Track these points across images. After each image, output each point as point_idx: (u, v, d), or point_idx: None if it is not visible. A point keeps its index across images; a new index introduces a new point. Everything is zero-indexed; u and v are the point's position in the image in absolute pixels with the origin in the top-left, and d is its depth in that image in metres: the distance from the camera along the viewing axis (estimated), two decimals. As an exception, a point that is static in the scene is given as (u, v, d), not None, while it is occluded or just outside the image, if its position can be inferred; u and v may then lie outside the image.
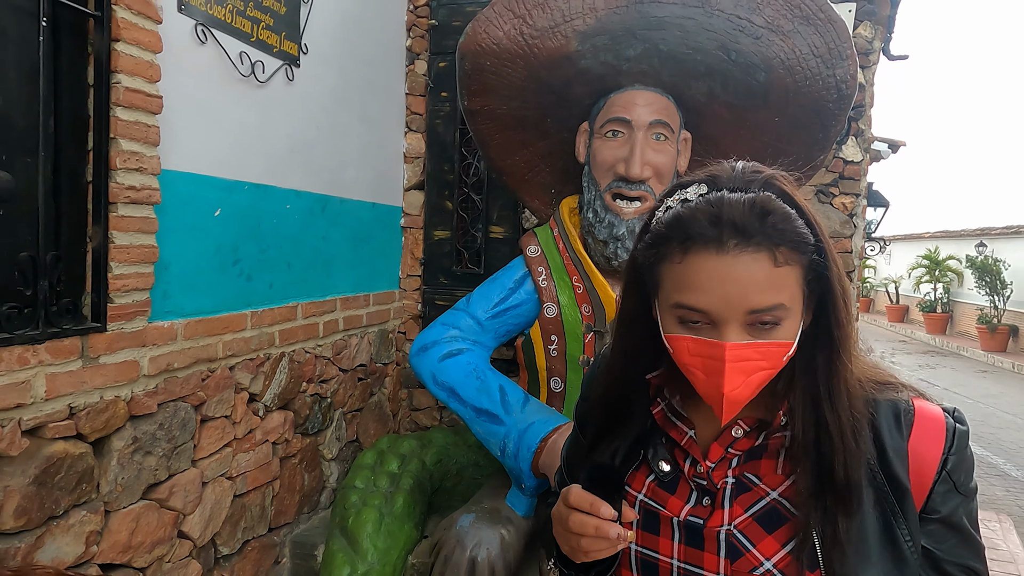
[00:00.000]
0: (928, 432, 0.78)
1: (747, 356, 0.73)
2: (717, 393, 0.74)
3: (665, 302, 0.78)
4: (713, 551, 0.79)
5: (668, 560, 0.82)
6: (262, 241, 2.34)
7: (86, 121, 1.69)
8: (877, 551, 0.75)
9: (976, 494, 0.80)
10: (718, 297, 0.72)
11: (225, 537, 2.23)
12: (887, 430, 0.78)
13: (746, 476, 0.81)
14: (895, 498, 0.76)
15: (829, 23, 2.11)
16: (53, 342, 1.58)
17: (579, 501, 0.77)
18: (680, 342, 0.76)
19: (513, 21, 2.23)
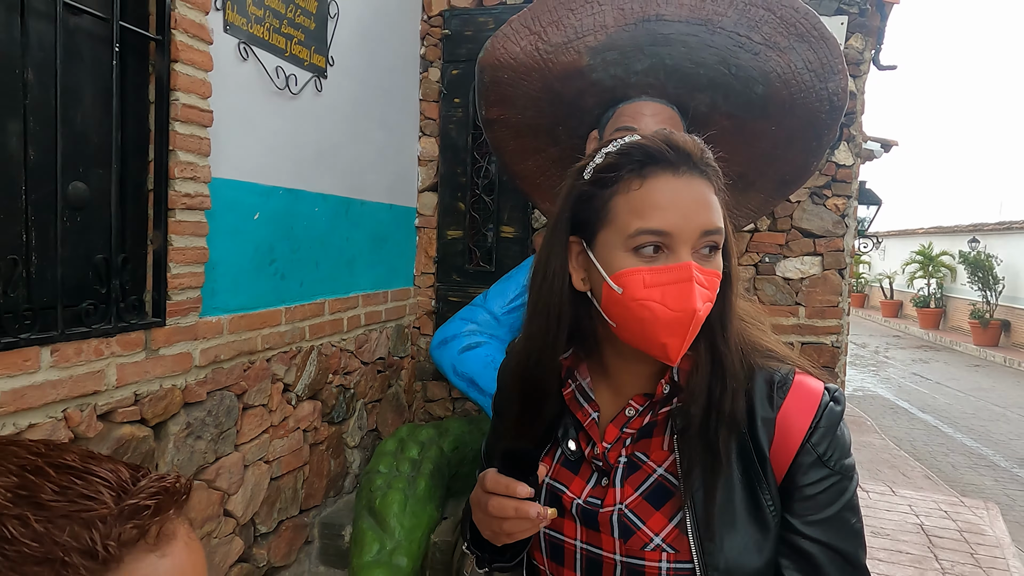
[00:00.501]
0: (799, 404, 0.80)
1: (703, 281, 0.76)
2: (682, 319, 0.74)
3: (618, 233, 0.77)
4: (608, 532, 0.81)
5: (572, 542, 0.84)
6: (294, 242, 2.51)
7: (147, 135, 1.86)
8: (743, 517, 0.78)
9: (853, 475, 0.80)
10: (679, 216, 0.75)
11: (263, 516, 2.41)
12: (759, 399, 0.80)
13: (636, 455, 0.83)
14: (760, 466, 0.79)
15: (822, 40, 2.28)
16: (122, 335, 1.75)
17: (495, 484, 0.76)
18: (634, 275, 0.76)
19: (529, 37, 2.40)
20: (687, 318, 0.74)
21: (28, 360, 1.52)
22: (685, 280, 0.74)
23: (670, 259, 0.76)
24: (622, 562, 0.80)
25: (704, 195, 0.77)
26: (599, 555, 0.82)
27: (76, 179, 1.68)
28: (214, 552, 2.17)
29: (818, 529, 0.78)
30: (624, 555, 0.80)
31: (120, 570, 0.39)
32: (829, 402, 0.80)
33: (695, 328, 0.76)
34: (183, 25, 1.86)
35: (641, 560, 0.79)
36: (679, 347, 0.76)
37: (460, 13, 3.47)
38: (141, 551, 0.40)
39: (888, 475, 5.67)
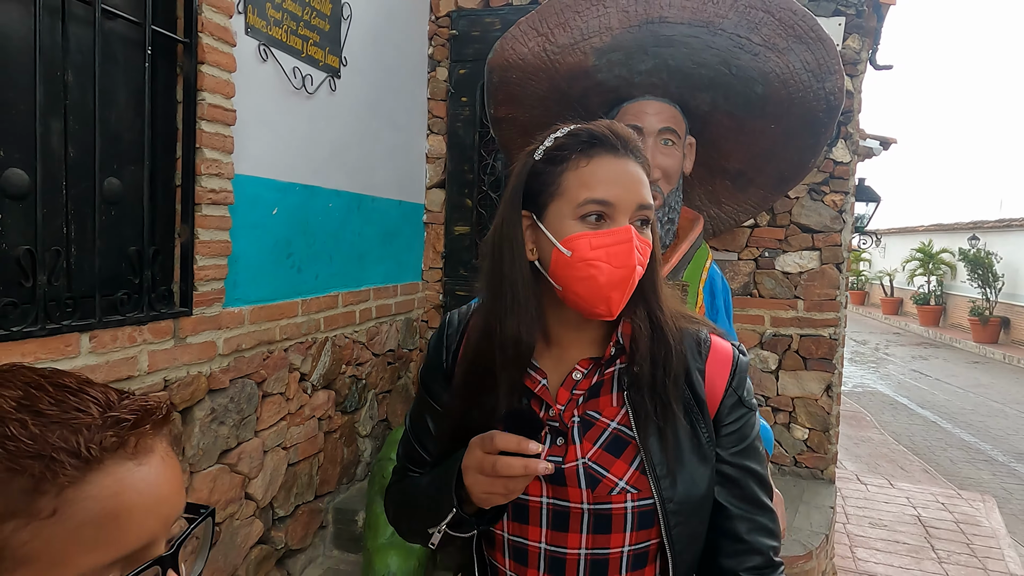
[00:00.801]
0: (719, 358, 0.96)
1: (638, 246, 0.88)
2: (622, 276, 0.86)
3: (568, 204, 0.88)
4: (575, 484, 0.89)
5: (538, 500, 0.90)
6: (310, 236, 2.60)
7: (174, 133, 1.95)
8: (689, 455, 0.90)
9: (757, 410, 0.98)
10: (621, 189, 0.88)
11: (281, 501, 2.50)
12: (690, 354, 0.94)
13: (588, 414, 0.92)
14: (698, 408, 0.92)
15: (819, 41, 2.37)
16: (153, 324, 1.85)
17: (506, 443, 0.80)
18: (582, 239, 0.86)
19: (537, 39, 2.49)
20: (628, 274, 0.87)
21: (69, 346, 1.61)
22: (626, 242, 0.87)
23: (612, 226, 0.88)
24: (590, 510, 0.89)
25: (639, 175, 0.90)
26: (566, 507, 0.90)
27: (110, 175, 1.77)
28: (235, 533, 2.27)
29: (740, 456, 0.94)
30: (592, 503, 0.89)
31: (101, 470, 0.46)
32: (739, 354, 0.97)
33: (632, 285, 0.88)
34: (209, 28, 1.95)
35: (608, 504, 0.89)
36: (620, 300, 0.88)
37: (467, 14, 3.55)
38: (121, 457, 0.47)
39: (887, 469, 5.76)
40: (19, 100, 1.55)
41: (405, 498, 1.00)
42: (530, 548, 0.92)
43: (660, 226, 2.44)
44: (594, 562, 0.90)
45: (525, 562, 0.93)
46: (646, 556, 0.91)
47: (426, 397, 1.03)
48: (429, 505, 0.91)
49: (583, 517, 0.89)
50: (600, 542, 0.90)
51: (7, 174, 1.52)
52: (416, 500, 0.96)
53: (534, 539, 0.92)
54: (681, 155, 2.55)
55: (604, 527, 0.89)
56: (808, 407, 3.12)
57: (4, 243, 1.52)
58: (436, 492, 0.90)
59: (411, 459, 1.04)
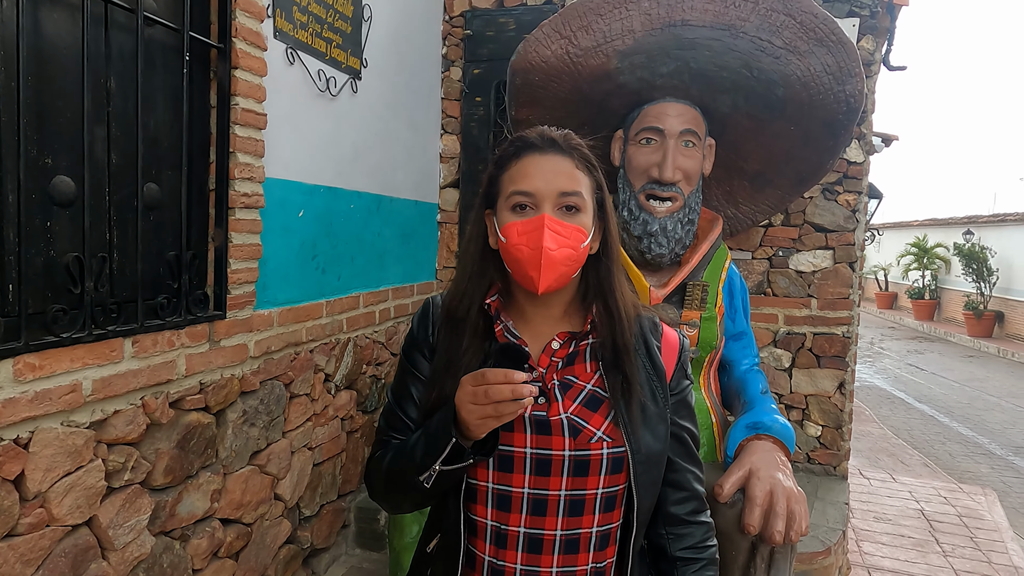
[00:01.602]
0: (669, 339, 1.15)
1: (558, 228, 1.02)
2: (536, 256, 1.00)
3: (503, 198, 1.06)
4: (559, 434, 1.02)
5: (522, 450, 1.02)
6: (333, 238, 2.61)
7: (208, 138, 1.96)
8: (651, 417, 1.07)
9: (692, 382, 1.19)
10: (541, 181, 1.03)
11: (307, 500, 2.52)
12: (649, 333, 1.13)
13: (566, 378, 1.07)
14: (656, 378, 1.10)
15: (840, 44, 2.39)
16: (191, 327, 1.86)
17: (495, 375, 0.92)
18: (512, 227, 1.03)
19: (560, 42, 2.50)
20: (539, 254, 1.00)
21: (114, 351, 1.63)
22: (539, 228, 1.01)
23: (536, 214, 1.03)
24: (570, 456, 1.02)
25: (561, 166, 1.04)
26: (548, 455, 1.03)
27: (150, 181, 1.78)
28: (266, 533, 2.29)
29: (684, 419, 1.14)
30: (573, 450, 1.02)
31: None
32: (681, 338, 1.17)
33: (549, 263, 1.01)
34: (242, 33, 1.96)
35: (587, 451, 1.03)
36: (538, 277, 1.01)
37: (481, 14, 3.56)
38: None
39: (888, 463, 5.83)
40: (66, 108, 1.56)
41: (395, 456, 1.07)
42: (514, 494, 1.04)
43: (680, 227, 2.47)
44: (572, 502, 1.03)
45: (508, 508, 1.04)
46: (615, 499, 1.06)
47: (409, 367, 1.14)
48: (425, 449, 0.99)
49: (564, 463, 1.02)
50: (578, 484, 1.03)
51: (55, 182, 1.53)
52: (407, 454, 1.04)
53: (518, 485, 1.03)
54: (701, 157, 2.58)
55: (583, 471, 1.03)
56: (821, 404, 3.16)
57: (52, 250, 1.54)
58: (432, 434, 0.99)
59: (394, 428, 1.13)
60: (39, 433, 1.47)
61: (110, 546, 1.67)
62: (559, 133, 1.09)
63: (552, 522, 1.03)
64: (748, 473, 2.07)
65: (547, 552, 1.04)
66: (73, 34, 1.56)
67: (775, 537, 1.94)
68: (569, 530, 1.04)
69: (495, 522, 1.05)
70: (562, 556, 1.04)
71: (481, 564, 1.06)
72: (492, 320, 1.09)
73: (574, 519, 1.04)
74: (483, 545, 1.06)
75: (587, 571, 1.05)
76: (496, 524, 1.05)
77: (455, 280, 1.13)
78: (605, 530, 1.06)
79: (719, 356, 2.59)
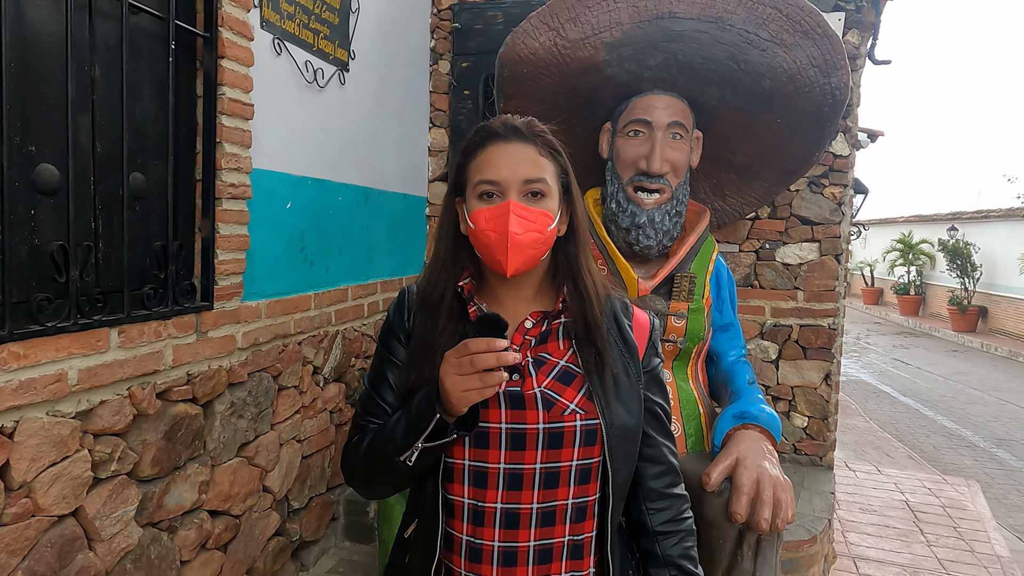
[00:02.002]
0: (639, 318, 1.19)
1: (524, 214, 1.05)
2: (504, 240, 1.03)
3: (471, 187, 1.08)
4: (533, 407, 1.05)
5: (497, 426, 1.05)
6: (321, 230, 2.60)
7: (195, 127, 1.95)
8: (623, 387, 1.10)
9: (662, 359, 1.22)
10: (505, 168, 1.06)
11: (295, 493, 2.52)
12: (620, 312, 1.16)
13: (540, 355, 1.10)
14: (628, 354, 1.13)
15: (825, 37, 2.41)
16: (177, 318, 1.86)
17: (476, 344, 0.94)
18: (480, 214, 1.06)
19: (548, 34, 2.51)
20: (506, 239, 1.03)
21: (100, 340, 1.62)
22: (505, 213, 1.04)
23: (501, 201, 1.06)
24: (544, 429, 1.05)
25: (524, 154, 1.07)
26: (523, 429, 1.05)
27: (135, 170, 1.77)
28: (254, 525, 2.28)
29: (657, 395, 1.17)
30: (547, 423, 1.05)
31: None
32: (652, 317, 1.21)
33: (516, 247, 1.04)
34: (229, 22, 1.95)
35: (560, 423, 1.05)
36: (506, 261, 1.04)
37: (469, 7, 3.56)
38: None
39: (873, 456, 5.88)
40: (50, 96, 1.54)
41: (374, 439, 1.08)
42: (490, 470, 1.05)
43: (668, 218, 2.48)
44: (547, 475, 1.05)
45: (485, 484, 1.05)
46: (590, 471, 1.08)
47: (385, 353, 1.16)
48: (406, 428, 1.01)
49: (538, 436, 1.04)
50: (552, 456, 1.05)
51: (39, 170, 1.52)
52: (387, 435, 1.05)
53: (494, 461, 1.05)
54: (689, 149, 2.59)
55: (557, 443, 1.05)
56: (807, 396, 3.19)
57: (37, 239, 1.52)
58: (414, 413, 1.01)
59: (371, 413, 1.14)
60: (24, 423, 1.46)
61: (97, 537, 1.66)
62: (522, 121, 1.11)
63: (528, 496, 1.05)
64: (735, 462, 2.09)
65: (524, 527, 1.06)
66: (57, 21, 1.55)
67: (762, 525, 1.96)
68: (545, 503, 1.06)
69: (472, 500, 1.06)
70: (539, 530, 1.06)
71: (459, 544, 1.07)
72: (466, 303, 1.11)
73: (549, 491, 1.06)
74: (460, 525, 1.07)
75: (564, 544, 1.07)
76: (473, 502, 1.06)
77: (429, 266, 1.16)
78: (581, 503, 1.08)
79: (706, 347, 2.61)
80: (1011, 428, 7.19)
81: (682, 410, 2.42)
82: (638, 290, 2.39)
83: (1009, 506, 5.02)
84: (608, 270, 2.58)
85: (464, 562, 1.07)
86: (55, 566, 1.55)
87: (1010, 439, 6.77)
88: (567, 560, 1.08)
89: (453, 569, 1.09)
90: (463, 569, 1.07)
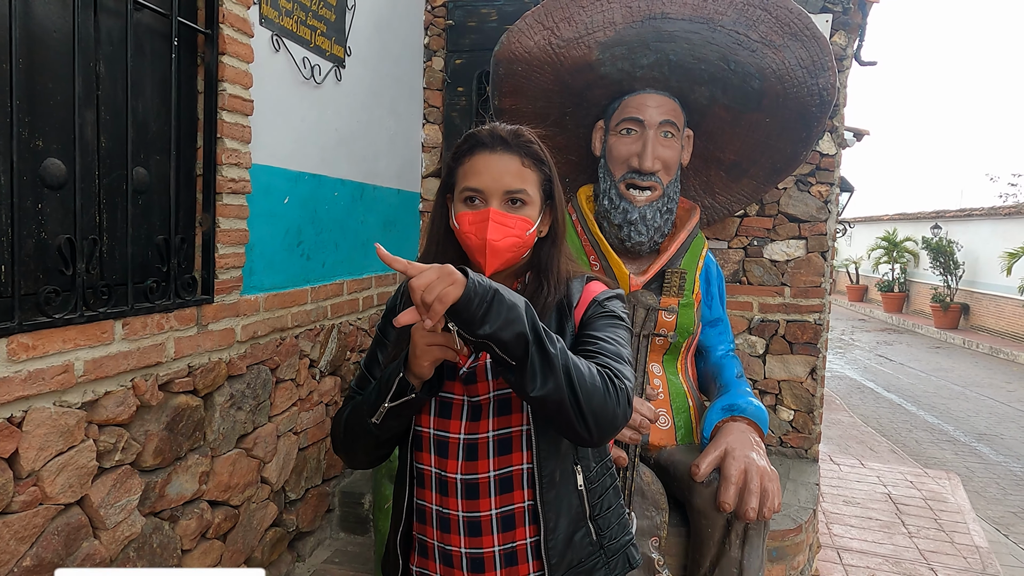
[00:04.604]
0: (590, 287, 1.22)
1: (503, 220, 1.13)
2: (483, 245, 1.11)
3: (458, 190, 1.16)
4: (484, 379, 1.14)
5: (460, 398, 1.15)
6: (318, 224, 2.63)
7: (196, 123, 1.98)
8: None
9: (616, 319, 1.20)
10: (488, 178, 1.13)
11: (292, 484, 2.55)
12: (576, 289, 1.21)
13: None
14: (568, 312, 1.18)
15: (813, 39, 2.47)
16: (179, 311, 1.88)
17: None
18: (464, 216, 1.14)
19: (543, 33, 2.55)
20: (483, 244, 1.12)
21: (105, 332, 1.65)
22: (485, 220, 1.12)
23: (484, 207, 1.13)
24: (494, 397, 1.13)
25: (508, 165, 1.14)
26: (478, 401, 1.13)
27: (138, 165, 1.79)
28: (252, 516, 2.31)
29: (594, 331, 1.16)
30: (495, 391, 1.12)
31: None
32: (609, 291, 1.24)
33: (493, 252, 1.12)
34: (230, 19, 1.97)
35: (507, 390, 1.12)
36: (484, 264, 1.13)
37: (463, 4, 3.59)
38: None
39: (857, 450, 5.99)
40: (57, 91, 1.57)
41: (354, 407, 1.16)
42: (451, 440, 1.14)
43: (659, 215, 2.53)
44: (500, 442, 1.13)
45: (446, 454, 1.14)
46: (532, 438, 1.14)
47: (380, 336, 1.26)
48: (378, 392, 1.09)
49: (490, 405, 1.13)
50: (503, 423, 1.13)
51: (46, 164, 1.54)
52: (364, 400, 1.14)
53: (455, 432, 1.14)
54: (680, 147, 2.64)
55: (506, 409, 1.13)
56: (793, 389, 3.26)
57: (43, 232, 1.55)
58: (385, 377, 1.09)
59: (362, 388, 1.23)
60: (32, 412, 1.48)
61: (101, 525, 1.69)
62: (508, 131, 1.18)
63: (484, 464, 1.13)
64: (724, 453, 2.15)
65: (484, 495, 1.13)
66: (64, 17, 1.57)
67: (749, 514, 2.02)
68: (500, 470, 1.13)
69: (437, 469, 1.15)
70: (498, 497, 1.13)
71: (431, 514, 1.16)
72: None
73: (504, 458, 1.13)
74: (430, 495, 1.16)
75: (525, 508, 1.14)
76: (438, 471, 1.14)
77: (420, 256, 1.22)
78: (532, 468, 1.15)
79: (696, 342, 2.66)
80: (991, 423, 7.33)
81: (672, 403, 2.48)
82: (630, 285, 2.44)
83: (988, 499, 5.13)
84: (600, 266, 2.63)
85: (436, 532, 1.15)
86: (62, 553, 1.58)
87: (990, 434, 6.90)
88: (529, 525, 1.14)
89: (426, 542, 1.17)
90: (435, 540, 1.16)
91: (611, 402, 1.03)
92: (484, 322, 0.93)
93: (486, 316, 0.93)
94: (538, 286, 1.19)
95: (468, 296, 0.92)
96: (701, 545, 2.19)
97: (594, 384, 1.01)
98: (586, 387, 1.00)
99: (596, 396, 1.01)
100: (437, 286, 0.91)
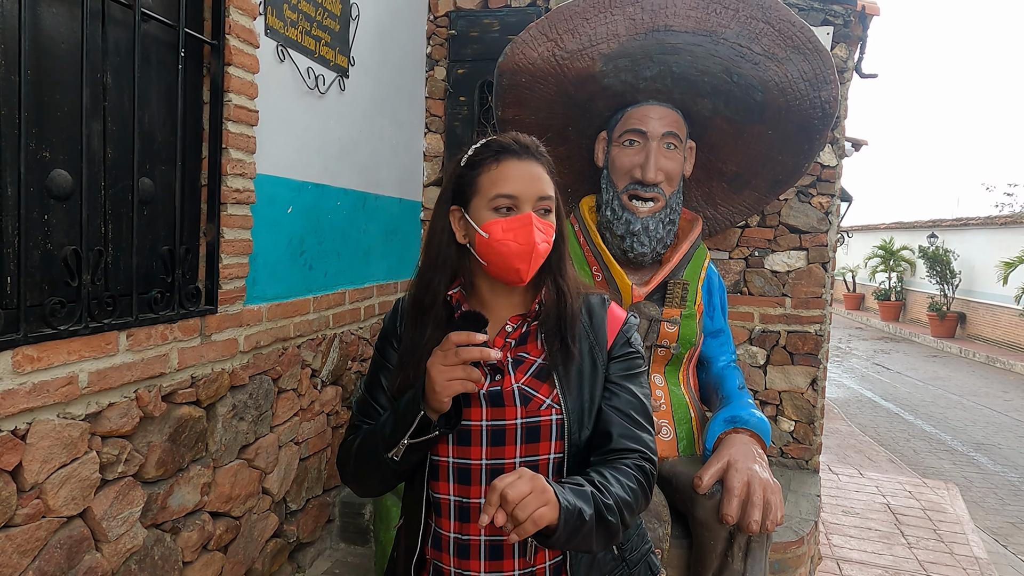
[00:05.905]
0: (615, 311, 1.23)
1: (539, 227, 1.11)
2: (525, 250, 1.09)
3: (483, 199, 1.11)
4: (511, 403, 1.11)
5: (479, 424, 1.10)
6: (320, 234, 2.63)
7: (201, 133, 1.98)
8: (587, 378, 1.15)
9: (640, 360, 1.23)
10: (523, 185, 1.11)
11: (293, 495, 2.54)
12: (596, 308, 1.21)
13: (519, 355, 1.16)
14: (597, 344, 1.18)
15: (816, 52, 2.48)
16: (183, 322, 1.88)
17: (459, 337, 1.01)
18: (496, 224, 1.10)
19: (547, 44, 2.56)
20: (530, 248, 1.10)
21: (109, 344, 1.64)
22: (527, 225, 1.10)
23: (518, 214, 1.11)
24: (522, 424, 1.10)
25: (539, 173, 1.13)
26: (503, 425, 1.10)
27: (144, 175, 1.79)
28: (254, 527, 2.30)
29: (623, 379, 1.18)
30: (524, 418, 1.10)
31: None
32: (629, 315, 1.24)
33: (536, 256, 1.11)
34: (236, 30, 1.98)
35: (537, 418, 1.11)
36: (527, 270, 1.11)
37: (466, 14, 3.60)
38: None
39: (855, 459, 5.99)
40: (64, 102, 1.57)
41: (365, 438, 1.13)
42: (472, 467, 1.11)
43: (662, 226, 2.54)
44: (528, 467, 1.06)
45: (468, 481, 1.11)
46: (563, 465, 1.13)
47: (380, 358, 1.22)
48: (394, 425, 1.06)
49: (517, 431, 1.10)
50: (531, 451, 1.11)
51: (53, 175, 1.54)
52: (377, 433, 1.10)
53: (476, 458, 1.11)
54: (682, 159, 2.65)
55: (534, 437, 1.11)
56: (794, 400, 3.26)
57: (50, 243, 1.54)
58: (401, 412, 1.06)
59: (365, 414, 1.20)
60: (36, 424, 1.48)
61: (103, 538, 1.68)
62: (530, 140, 1.17)
63: None
64: (726, 465, 2.15)
65: None
66: (72, 28, 1.57)
67: (752, 526, 2.02)
68: None
69: (457, 497, 1.12)
70: None
71: (447, 542, 1.13)
72: (454, 310, 1.16)
73: None
74: (448, 523, 1.13)
75: None
76: (459, 499, 1.12)
77: (419, 272, 1.19)
78: None
79: (698, 352, 2.66)
80: (988, 432, 7.34)
81: (674, 414, 2.48)
82: (632, 296, 2.44)
83: (987, 509, 5.13)
84: (603, 277, 2.63)
85: (453, 559, 1.13)
86: (64, 566, 1.57)
87: (987, 443, 6.91)
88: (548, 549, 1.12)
89: (442, 568, 1.15)
90: (452, 566, 1.13)
91: (642, 504, 1.09)
92: (567, 544, 0.96)
93: (570, 540, 0.96)
94: (557, 293, 1.17)
95: (563, 520, 0.93)
96: (703, 558, 2.18)
97: (636, 504, 1.07)
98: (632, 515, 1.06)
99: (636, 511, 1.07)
100: (532, 503, 0.90)
